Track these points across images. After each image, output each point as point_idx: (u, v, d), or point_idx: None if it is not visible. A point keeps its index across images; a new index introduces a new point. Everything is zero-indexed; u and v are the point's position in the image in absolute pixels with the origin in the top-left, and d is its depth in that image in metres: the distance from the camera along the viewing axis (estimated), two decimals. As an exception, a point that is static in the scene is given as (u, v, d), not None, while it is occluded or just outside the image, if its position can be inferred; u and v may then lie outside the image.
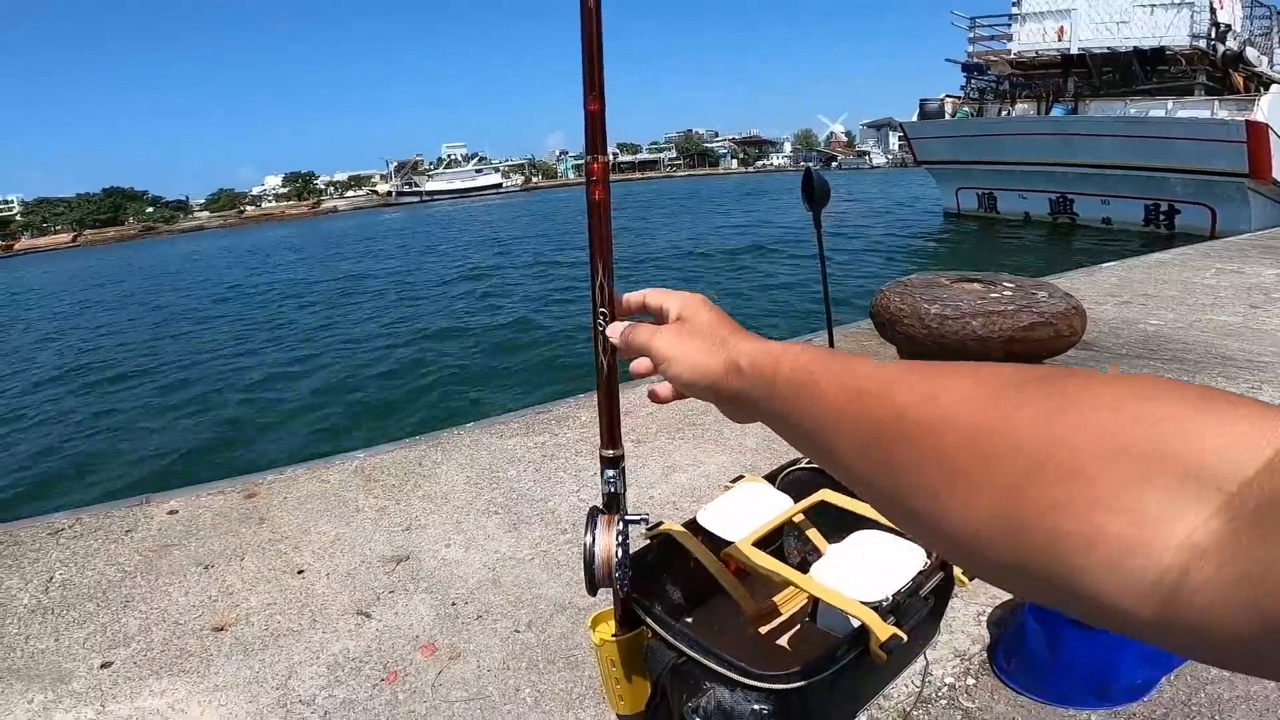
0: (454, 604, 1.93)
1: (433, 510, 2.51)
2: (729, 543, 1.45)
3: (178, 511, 2.61)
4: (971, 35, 21.12)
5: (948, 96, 21.88)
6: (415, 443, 3.21)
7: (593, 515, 1.11)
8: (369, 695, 1.60)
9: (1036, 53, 19.41)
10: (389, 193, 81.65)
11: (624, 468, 1.15)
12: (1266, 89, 16.38)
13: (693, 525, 1.53)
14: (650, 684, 1.27)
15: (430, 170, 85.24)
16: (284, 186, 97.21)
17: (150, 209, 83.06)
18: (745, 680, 1.09)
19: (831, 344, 2.08)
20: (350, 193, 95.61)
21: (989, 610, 1.84)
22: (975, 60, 21.13)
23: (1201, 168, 15.79)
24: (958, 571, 1.40)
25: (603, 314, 1.03)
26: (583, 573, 1.53)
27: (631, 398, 3.60)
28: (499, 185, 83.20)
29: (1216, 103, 16.03)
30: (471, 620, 1.85)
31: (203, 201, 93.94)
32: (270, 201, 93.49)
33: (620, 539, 1.08)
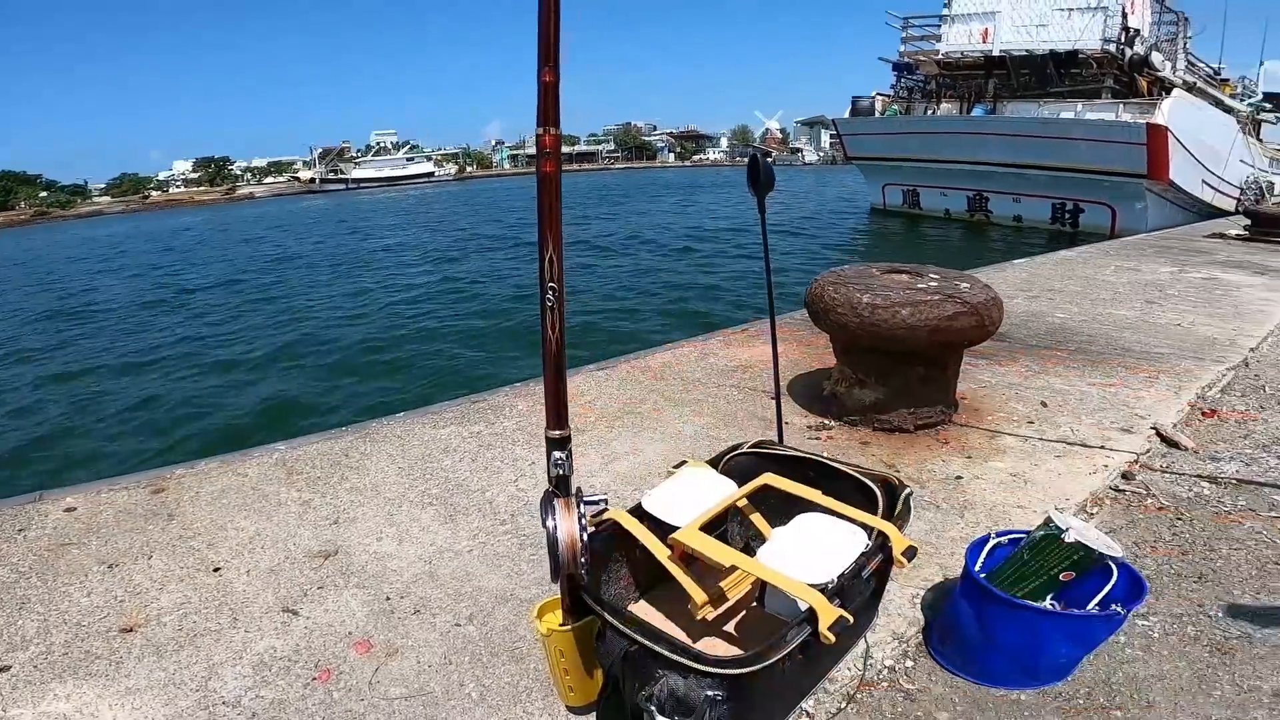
0: (388, 599, 1.85)
1: (362, 503, 2.41)
2: (675, 528, 1.44)
3: (76, 509, 2.41)
4: (904, 35, 21.61)
5: (878, 94, 22.41)
6: (341, 434, 3.08)
7: (549, 499, 1.08)
8: (301, 695, 1.51)
9: (962, 53, 19.99)
10: (312, 179, 77.90)
11: (571, 449, 1.12)
12: (1168, 93, 17.21)
13: (638, 511, 1.52)
14: (601, 673, 1.25)
15: (357, 158, 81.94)
16: (195, 171, 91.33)
17: (44, 193, 76.69)
18: (699, 666, 1.09)
19: (774, 326, 2.09)
20: (269, 179, 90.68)
21: (922, 594, 1.89)
22: (906, 60, 21.67)
23: (1104, 168, 16.60)
24: (896, 552, 1.44)
25: (551, 288, 1.00)
26: (546, 560, 1.47)
27: (569, 385, 3.56)
28: (431, 174, 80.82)
29: (1121, 105, 16.83)
30: (408, 615, 1.78)
31: (103, 186, 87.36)
32: (179, 187, 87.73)
33: (582, 522, 1.05)
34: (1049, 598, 1.64)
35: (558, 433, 1.07)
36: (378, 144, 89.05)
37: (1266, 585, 1.97)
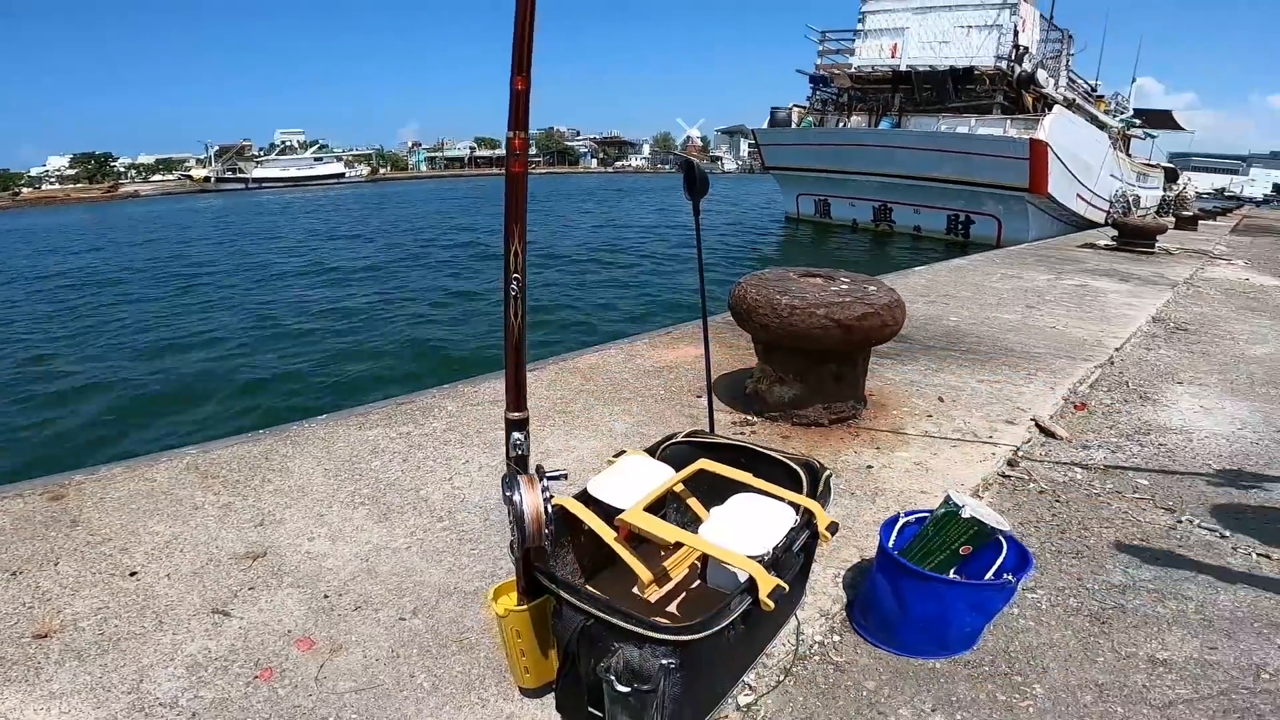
0: (326, 596, 1.84)
1: (288, 505, 2.36)
2: (619, 511, 1.52)
3: (-33, 519, 2.25)
4: (821, 48, 22.24)
5: (795, 106, 23.01)
6: (259, 437, 2.98)
7: (511, 476, 1.14)
8: (243, 694, 1.49)
9: (873, 68, 20.74)
10: (207, 178, 72.56)
11: (529, 431, 1.18)
12: (1050, 109, 18.44)
13: (583, 496, 1.59)
14: (558, 652, 1.31)
15: (260, 156, 77.21)
16: (72, 168, 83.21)
17: (-96, 190, 68.03)
18: (653, 634, 1.17)
19: (705, 321, 2.20)
20: (157, 177, 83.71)
21: (843, 573, 2.04)
22: (822, 72, 22.33)
23: (992, 182, 17.65)
24: (821, 527, 1.58)
25: (515, 279, 1.07)
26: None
27: (502, 386, 3.57)
28: (341, 175, 77.11)
29: (1008, 121, 17.92)
30: (349, 611, 1.78)
31: (-33, 182, 78.40)
32: (54, 184, 79.85)
33: (546, 495, 1.12)
34: (952, 571, 1.81)
35: (517, 414, 1.13)
36: (283, 143, 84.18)
37: (1133, 560, 2.23)
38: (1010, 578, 1.74)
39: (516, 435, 1.10)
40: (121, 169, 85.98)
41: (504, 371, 3.68)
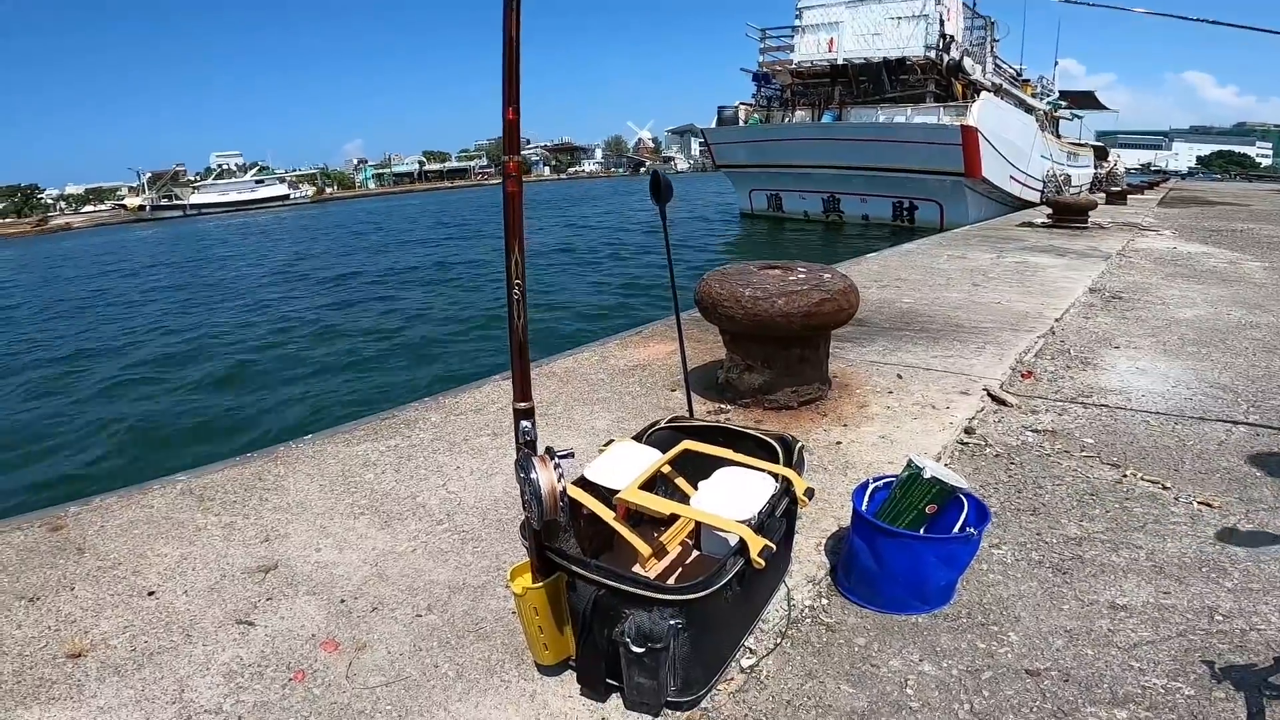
0: (343, 601, 1.93)
1: (290, 520, 2.43)
2: (615, 493, 1.66)
3: (-31, 554, 2.28)
4: (762, 46, 22.71)
5: (741, 104, 23.44)
6: (248, 460, 3.03)
7: (525, 458, 1.27)
8: (281, 696, 1.58)
9: (812, 63, 21.33)
10: (141, 207, 70.25)
11: (535, 418, 1.32)
12: (978, 95, 19.17)
13: (581, 482, 1.73)
14: (573, 626, 1.44)
15: (195, 181, 75.19)
16: (-3, 202, 79.68)
17: None
18: (660, 596, 1.31)
19: (678, 317, 2.35)
20: (88, 207, 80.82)
21: (824, 541, 2.18)
22: (764, 70, 22.81)
23: (932, 168, 18.30)
24: (799, 492, 1.74)
25: (517, 284, 1.21)
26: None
27: (479, 395, 3.68)
28: (285, 197, 75.55)
29: (941, 109, 18.62)
30: (367, 613, 1.87)
31: (-117, 221, 74.56)
32: (-25, 220, 76.41)
33: (559, 471, 1.25)
34: (922, 529, 1.97)
35: (524, 405, 1.26)
36: (220, 166, 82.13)
37: (1085, 514, 2.39)
38: (972, 531, 1.91)
39: (525, 423, 1.23)
40: (50, 201, 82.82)
41: (493, 377, 3.79)
